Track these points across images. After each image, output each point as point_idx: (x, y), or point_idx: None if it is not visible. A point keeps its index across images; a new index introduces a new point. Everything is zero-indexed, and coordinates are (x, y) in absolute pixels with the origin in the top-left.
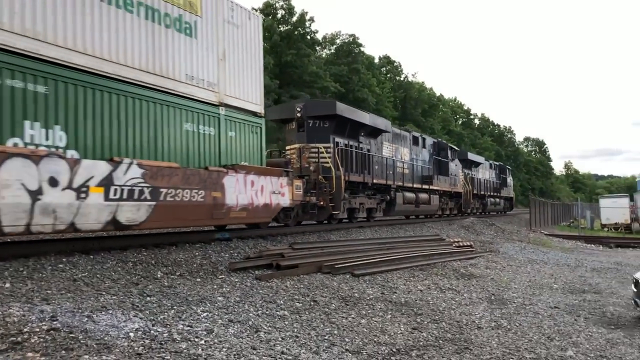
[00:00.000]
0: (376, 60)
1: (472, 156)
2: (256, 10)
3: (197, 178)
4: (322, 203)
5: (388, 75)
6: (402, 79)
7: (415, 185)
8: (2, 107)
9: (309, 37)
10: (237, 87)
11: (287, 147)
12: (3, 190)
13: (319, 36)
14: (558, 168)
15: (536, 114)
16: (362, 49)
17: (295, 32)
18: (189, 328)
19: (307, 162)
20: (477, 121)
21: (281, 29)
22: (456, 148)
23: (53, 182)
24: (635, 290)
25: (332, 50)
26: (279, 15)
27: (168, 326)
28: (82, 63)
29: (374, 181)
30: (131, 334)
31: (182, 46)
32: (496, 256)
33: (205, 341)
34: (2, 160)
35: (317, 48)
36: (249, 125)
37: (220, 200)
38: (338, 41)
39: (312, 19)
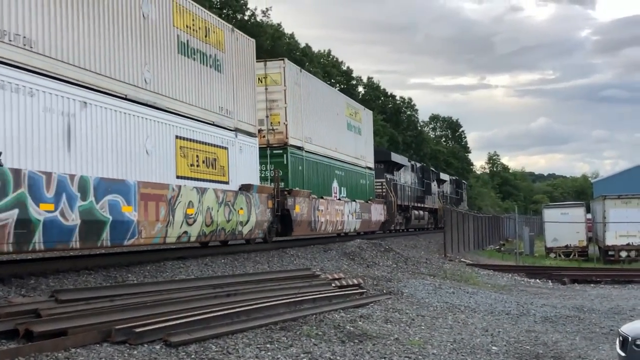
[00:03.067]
0: None
1: (395, 157)
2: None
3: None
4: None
5: (228, 12)
6: (246, 17)
7: (417, 204)
8: None
9: None
10: None
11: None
12: None
13: None
14: (479, 162)
15: (447, 80)
16: None
17: None
18: None
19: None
20: (361, 89)
21: None
22: (433, 169)
23: None
24: (622, 353)
25: None
26: None
27: None
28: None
29: (399, 202)
30: None
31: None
32: (399, 301)
33: None
34: None
35: None
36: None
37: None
38: None
39: None
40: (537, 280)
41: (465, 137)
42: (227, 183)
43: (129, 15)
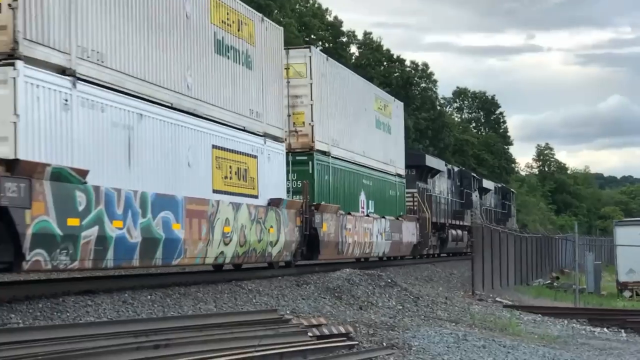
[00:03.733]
0: None
1: (430, 161)
2: None
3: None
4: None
5: None
6: None
7: (455, 222)
8: None
9: None
10: None
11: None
12: None
13: None
14: (524, 159)
15: (478, 40)
16: None
17: None
18: None
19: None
20: (354, 49)
21: None
22: (475, 175)
23: None
24: None
25: None
26: None
27: None
28: None
29: (433, 219)
30: None
31: None
32: (405, 358)
33: None
34: None
35: None
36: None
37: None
38: None
39: None
40: (605, 329)
41: (504, 123)
42: (256, 197)
43: (174, 16)
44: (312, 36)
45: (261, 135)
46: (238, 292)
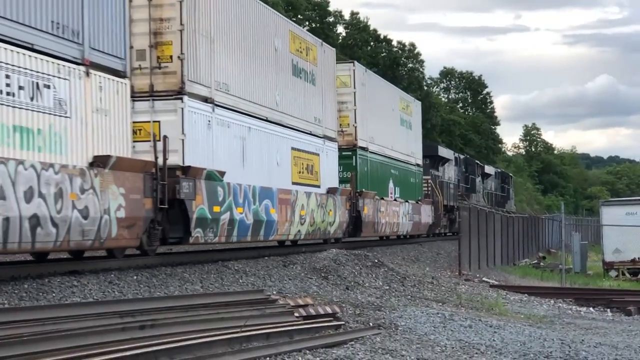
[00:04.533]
0: None
1: (442, 151)
2: None
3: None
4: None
5: None
6: None
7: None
8: None
9: None
10: None
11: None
12: None
13: None
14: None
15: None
16: None
17: None
18: None
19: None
20: (341, 29)
21: None
22: (478, 162)
23: None
24: None
25: None
26: None
27: None
28: None
29: (444, 203)
30: None
31: None
32: (392, 338)
33: None
34: None
35: None
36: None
37: (418, 219)
38: None
39: None
40: (591, 309)
41: (491, 103)
42: (319, 187)
43: (267, 50)
44: (299, 16)
45: (321, 137)
46: (224, 272)
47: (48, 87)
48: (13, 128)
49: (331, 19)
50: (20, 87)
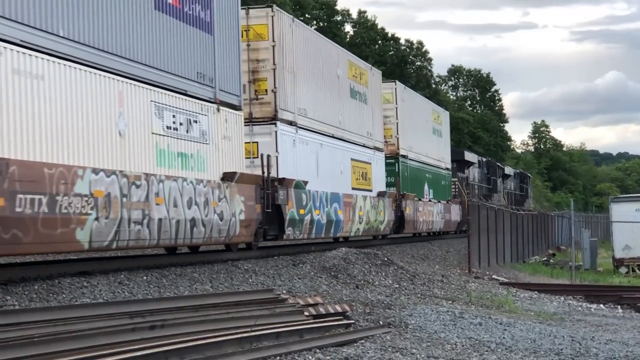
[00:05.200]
0: None
1: (468, 156)
2: None
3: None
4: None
5: None
6: None
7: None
8: None
9: None
10: None
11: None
12: None
13: None
14: (519, 136)
15: (473, 17)
16: None
17: None
18: None
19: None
20: (349, 28)
21: None
22: (499, 164)
23: None
24: None
25: None
26: None
27: None
28: None
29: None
30: None
31: None
32: (402, 336)
33: None
34: None
35: None
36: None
37: (448, 217)
38: None
39: None
40: (602, 305)
41: (500, 100)
42: (371, 191)
43: (332, 78)
44: (307, 15)
45: (372, 148)
46: (234, 272)
47: (196, 122)
48: (177, 154)
49: (339, 18)
50: (181, 123)
